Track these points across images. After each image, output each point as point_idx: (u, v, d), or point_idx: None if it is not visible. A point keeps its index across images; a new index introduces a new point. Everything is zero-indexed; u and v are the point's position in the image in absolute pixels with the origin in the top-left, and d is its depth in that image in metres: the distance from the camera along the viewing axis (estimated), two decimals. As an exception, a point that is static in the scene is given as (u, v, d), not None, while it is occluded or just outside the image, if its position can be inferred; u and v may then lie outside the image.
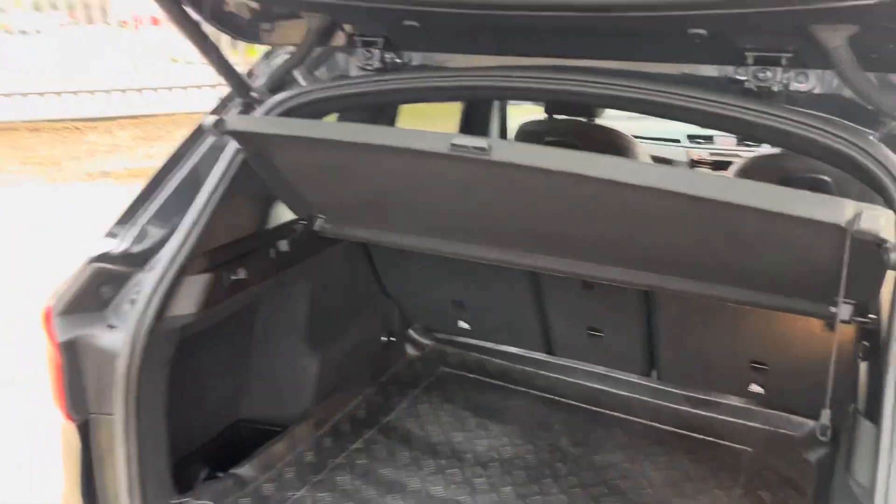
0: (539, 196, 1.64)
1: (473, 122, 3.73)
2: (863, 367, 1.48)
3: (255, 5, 1.85)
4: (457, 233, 1.99)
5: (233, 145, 1.90)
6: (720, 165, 4.22)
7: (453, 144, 1.51)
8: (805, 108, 1.54)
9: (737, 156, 3.95)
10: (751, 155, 3.30)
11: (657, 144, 4.53)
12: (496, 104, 3.77)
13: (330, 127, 1.90)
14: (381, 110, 2.62)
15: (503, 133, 3.84)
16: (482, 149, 1.48)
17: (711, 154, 4.46)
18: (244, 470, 2.14)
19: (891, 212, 1.28)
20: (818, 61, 1.51)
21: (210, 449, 2.23)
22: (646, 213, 1.56)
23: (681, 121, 1.67)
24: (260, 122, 1.86)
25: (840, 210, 1.26)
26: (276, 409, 2.40)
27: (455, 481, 2.19)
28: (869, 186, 1.48)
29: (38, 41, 11.78)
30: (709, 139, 4.59)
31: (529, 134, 3.23)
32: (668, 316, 2.35)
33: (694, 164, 4.54)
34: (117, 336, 1.76)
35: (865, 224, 1.23)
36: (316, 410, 2.43)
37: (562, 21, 1.59)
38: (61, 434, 1.88)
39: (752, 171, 2.99)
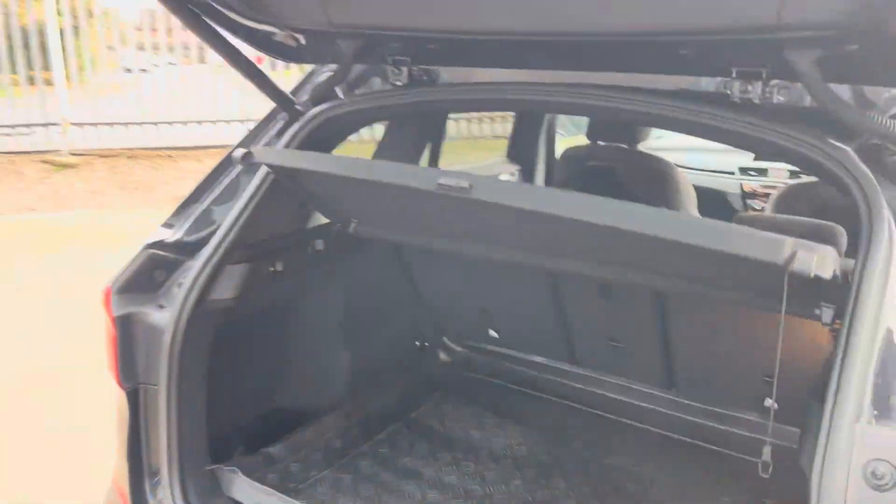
0: (526, 221, 1.79)
1: (521, 148, 3.91)
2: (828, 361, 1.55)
3: (299, 36, 2.10)
4: (472, 237, 2.16)
5: None
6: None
7: (439, 184, 1.68)
8: (787, 120, 1.65)
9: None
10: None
11: (708, 175, 4.60)
12: (543, 132, 3.95)
13: (334, 161, 2.06)
14: (425, 123, 2.84)
15: (549, 158, 4.00)
16: (464, 188, 1.65)
17: (763, 186, 4.49)
18: (275, 450, 2.34)
19: (829, 248, 1.36)
20: (795, 77, 1.62)
21: (246, 432, 2.43)
22: (620, 240, 1.69)
23: (663, 128, 1.80)
24: (279, 155, 2.09)
25: (777, 249, 1.34)
26: (310, 401, 2.59)
27: (468, 473, 2.32)
28: (841, 193, 1.58)
29: (140, 78, 12.75)
30: (763, 172, 4.61)
31: (571, 159, 3.39)
32: (680, 328, 2.43)
33: (746, 195, 4.57)
34: (165, 315, 2.00)
35: (798, 265, 1.32)
36: (347, 404, 2.61)
37: (569, 41, 1.76)
38: (116, 401, 2.13)
39: (791, 198, 3.05)
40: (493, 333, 2.95)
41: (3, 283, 5.75)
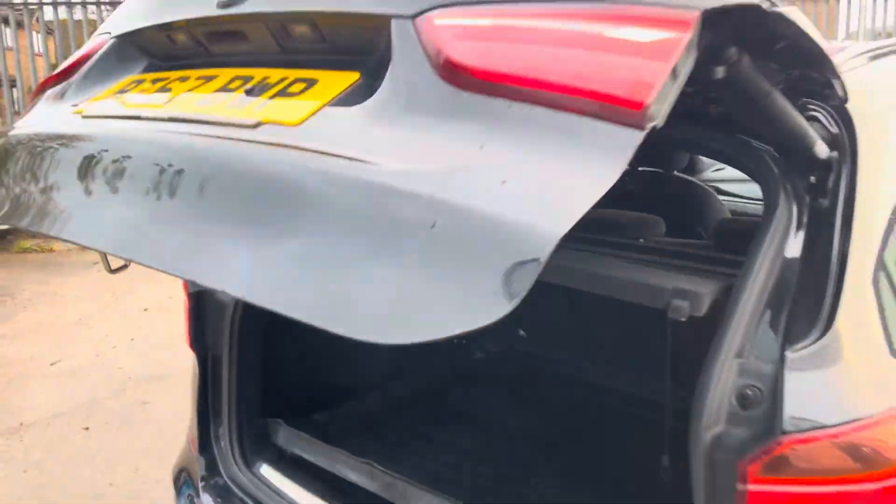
0: None
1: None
2: None
3: None
4: None
5: None
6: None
7: None
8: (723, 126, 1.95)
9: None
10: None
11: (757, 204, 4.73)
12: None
13: None
14: None
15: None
16: None
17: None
18: (319, 416, 2.76)
19: (707, 287, 1.65)
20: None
21: (297, 402, 2.83)
22: None
23: None
24: None
25: (657, 297, 1.66)
26: (355, 381, 3.00)
27: (480, 441, 2.66)
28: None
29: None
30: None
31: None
32: (678, 334, 2.67)
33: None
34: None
35: (672, 313, 1.63)
36: (387, 385, 3.01)
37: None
38: (192, 364, 2.63)
39: None
40: (522, 333, 3.29)
41: (133, 306, 6.63)
